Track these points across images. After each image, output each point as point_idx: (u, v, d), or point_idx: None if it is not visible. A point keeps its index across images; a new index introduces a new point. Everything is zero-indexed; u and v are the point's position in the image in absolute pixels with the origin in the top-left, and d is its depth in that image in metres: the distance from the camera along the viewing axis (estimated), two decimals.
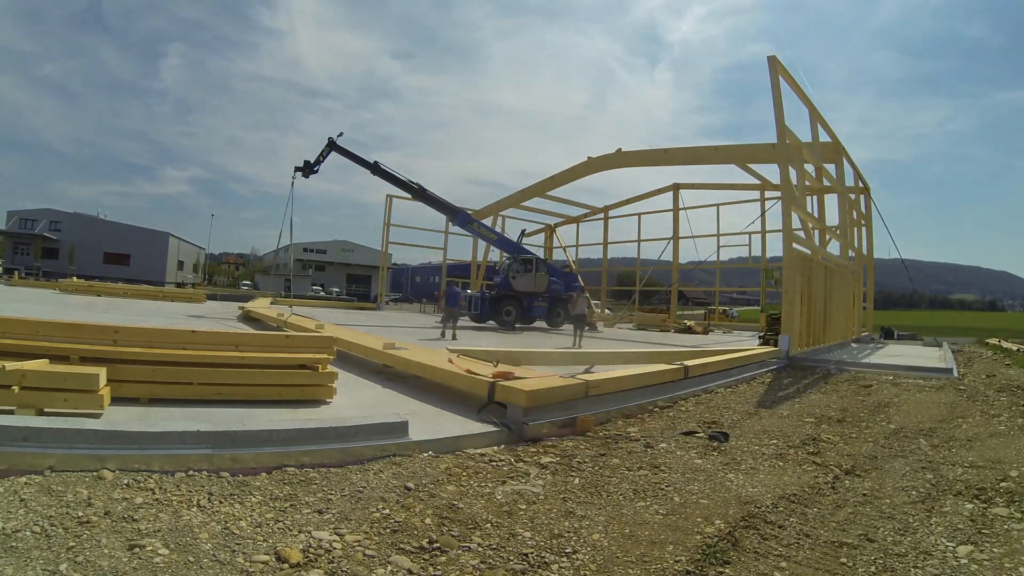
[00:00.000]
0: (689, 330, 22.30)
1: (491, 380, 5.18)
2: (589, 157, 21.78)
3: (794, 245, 12.09)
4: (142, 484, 2.94)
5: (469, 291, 23.40)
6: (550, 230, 33.81)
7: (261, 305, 19.38)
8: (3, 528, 2.34)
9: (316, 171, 19.59)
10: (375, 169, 20.38)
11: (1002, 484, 3.84)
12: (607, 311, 30.56)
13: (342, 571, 2.33)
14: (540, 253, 29.92)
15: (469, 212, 23.58)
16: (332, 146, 19.55)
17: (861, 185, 20.39)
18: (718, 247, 27.82)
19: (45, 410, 3.78)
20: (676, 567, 2.55)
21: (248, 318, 15.74)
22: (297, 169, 19.31)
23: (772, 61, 12.33)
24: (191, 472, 3.18)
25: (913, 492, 3.73)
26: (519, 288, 20.79)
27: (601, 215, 31.80)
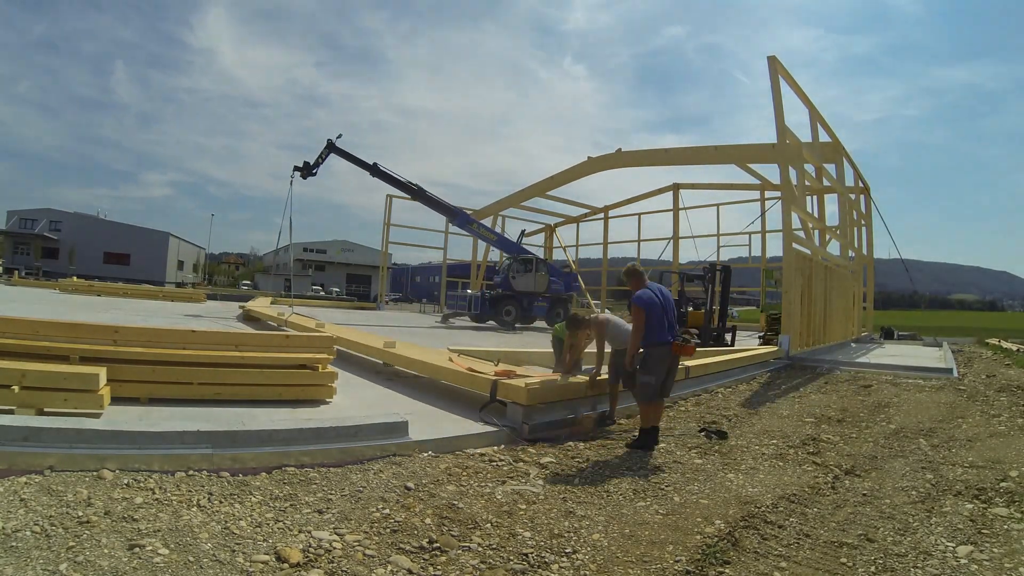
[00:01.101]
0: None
1: (494, 378, 5.18)
2: (589, 157, 21.77)
3: (794, 245, 12.08)
4: (142, 484, 2.94)
5: (469, 291, 23.41)
6: (550, 230, 33.80)
7: (261, 304, 19.39)
8: (3, 528, 2.34)
9: (315, 173, 19.61)
10: (374, 170, 20.37)
11: (1002, 484, 3.84)
12: (607, 311, 30.54)
13: (342, 571, 2.33)
14: (540, 253, 29.92)
15: (469, 212, 23.57)
16: (331, 148, 19.56)
17: (861, 185, 20.39)
18: (718, 247, 27.81)
19: (45, 410, 3.78)
20: (676, 567, 2.55)
21: (248, 318, 15.73)
22: (296, 169, 19.30)
23: (772, 61, 12.33)
24: (191, 472, 3.18)
25: (913, 492, 3.74)
26: (519, 288, 20.78)
27: (601, 215, 31.80)
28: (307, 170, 19.43)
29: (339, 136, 19.64)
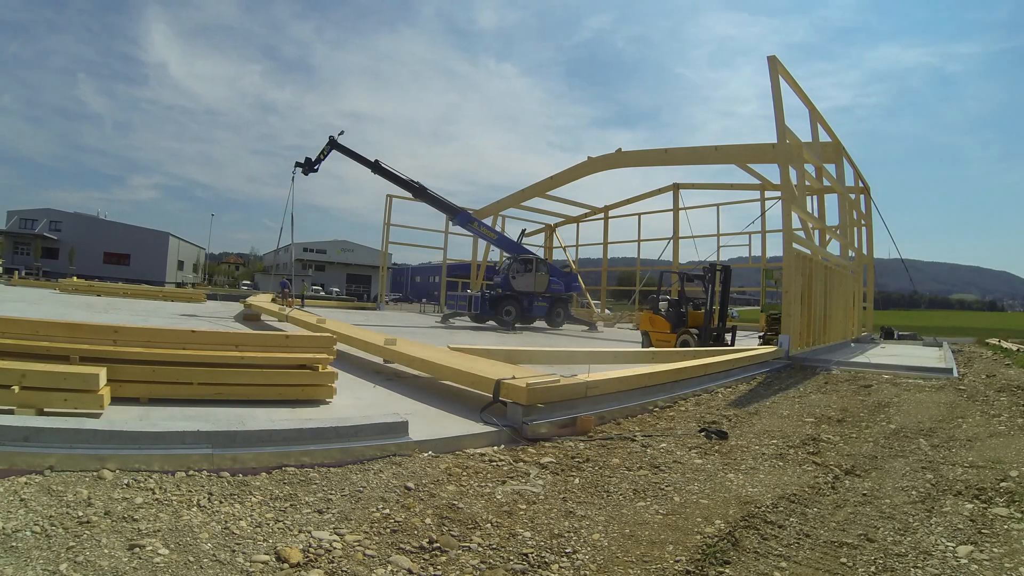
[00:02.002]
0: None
1: (497, 377, 5.18)
2: (589, 157, 21.78)
3: (794, 245, 12.08)
4: (142, 484, 2.95)
5: (470, 291, 23.40)
6: (550, 230, 33.81)
7: (263, 300, 19.44)
8: (3, 528, 2.34)
9: (316, 170, 19.66)
10: (376, 168, 20.41)
11: (1002, 484, 3.84)
12: (607, 311, 30.58)
13: (342, 571, 2.33)
14: (540, 253, 29.93)
15: (470, 211, 23.59)
16: (333, 144, 19.62)
17: (861, 185, 20.40)
18: (718, 247, 27.84)
19: (45, 410, 3.78)
20: (676, 567, 2.55)
21: (248, 317, 15.75)
22: (298, 165, 19.37)
23: (772, 61, 12.33)
24: (191, 472, 3.18)
25: (913, 492, 3.73)
26: (519, 288, 20.79)
27: (601, 215, 31.81)
28: (308, 166, 19.51)
29: (341, 133, 19.75)
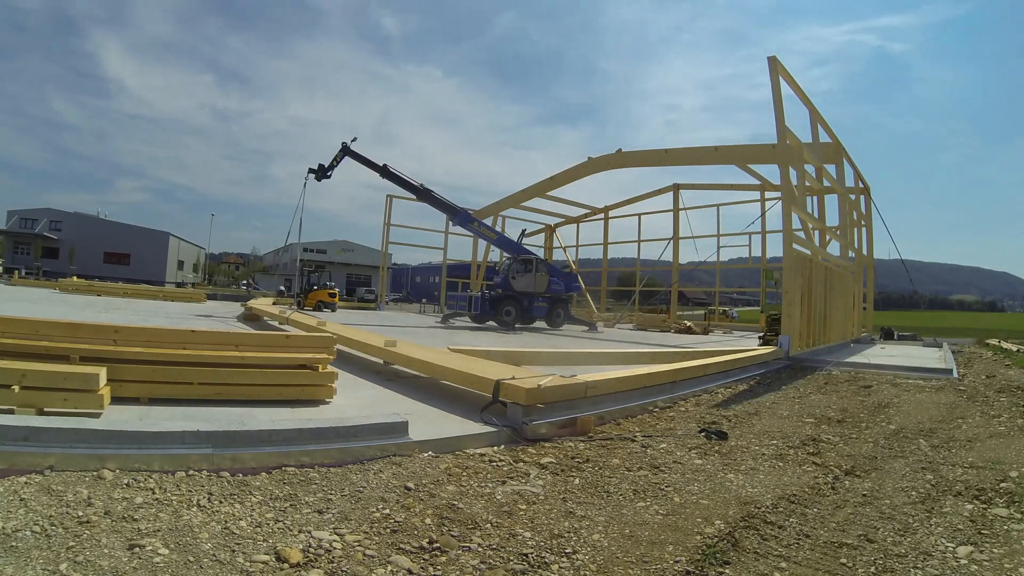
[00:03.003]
0: (689, 330, 22.30)
1: (496, 378, 5.18)
2: (589, 157, 21.79)
3: (794, 246, 12.09)
4: (142, 484, 2.95)
5: (470, 291, 23.40)
6: (550, 230, 33.82)
7: (263, 303, 19.48)
8: (3, 528, 2.34)
9: (329, 176, 19.93)
10: (384, 172, 20.59)
11: (1002, 485, 3.84)
12: (607, 311, 30.58)
13: (342, 571, 2.33)
14: (540, 253, 29.93)
15: (470, 212, 23.60)
16: (345, 151, 19.87)
17: (861, 186, 20.41)
18: (718, 247, 27.87)
19: (45, 410, 3.78)
20: (676, 567, 2.55)
21: (249, 317, 15.76)
22: (311, 171, 19.58)
23: (772, 61, 12.34)
24: (191, 472, 3.18)
25: (913, 493, 3.74)
26: (519, 288, 20.78)
27: (601, 215, 31.82)
28: (322, 172, 19.78)
29: (354, 140, 20.03)
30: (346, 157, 19.89)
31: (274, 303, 21.34)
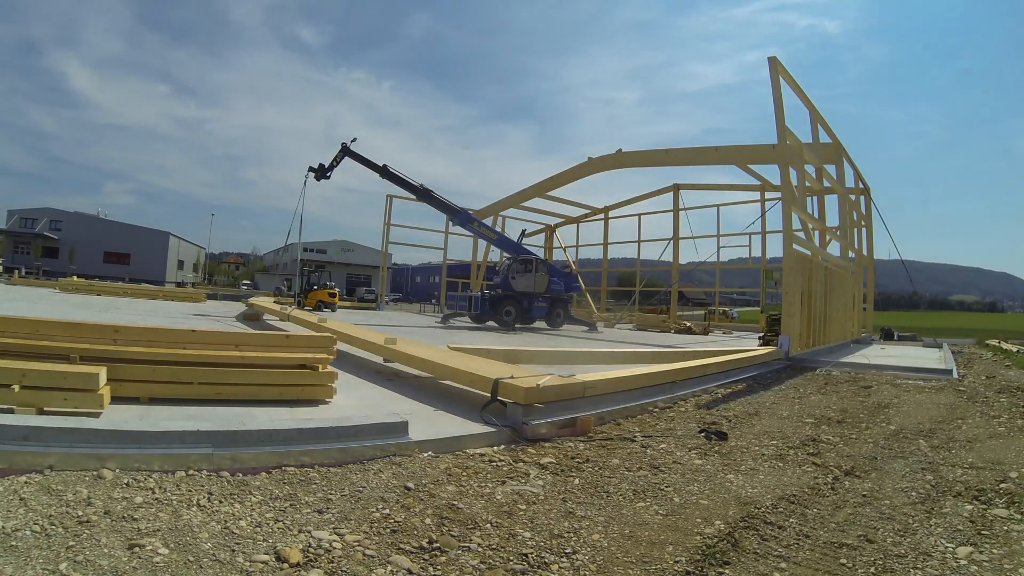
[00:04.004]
0: (688, 331, 22.31)
1: (495, 377, 5.18)
2: (590, 157, 21.80)
3: (794, 246, 12.09)
4: (142, 483, 2.95)
5: (470, 291, 23.42)
6: (550, 230, 33.82)
7: (265, 301, 19.52)
8: (3, 527, 2.34)
9: (328, 176, 19.95)
10: (384, 172, 20.62)
11: (1002, 485, 3.84)
12: (607, 311, 30.57)
13: (342, 571, 2.33)
14: (540, 253, 29.93)
15: (470, 212, 23.62)
16: (345, 151, 19.90)
17: (861, 186, 20.41)
18: (718, 247, 27.86)
19: (45, 409, 3.79)
20: (676, 568, 2.55)
21: (249, 317, 15.76)
22: (311, 170, 19.61)
23: (772, 62, 12.34)
24: (191, 472, 3.18)
25: (913, 493, 3.74)
26: (519, 288, 20.79)
27: (601, 215, 31.82)
28: (321, 172, 19.82)
29: (354, 140, 20.07)
30: (346, 157, 19.92)
31: (275, 302, 21.34)
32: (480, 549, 2.63)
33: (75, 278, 29.11)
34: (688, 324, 23.77)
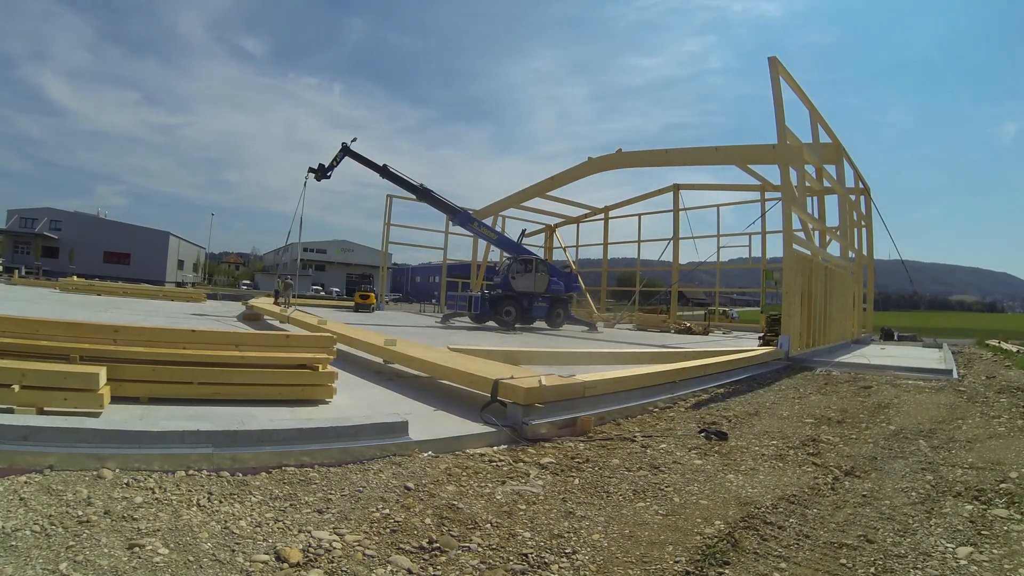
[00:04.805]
0: (688, 331, 22.31)
1: (495, 377, 5.18)
2: (590, 157, 21.80)
3: (794, 246, 12.10)
4: (142, 483, 2.94)
5: (470, 291, 23.45)
6: (550, 230, 33.82)
7: (264, 302, 19.53)
8: (3, 527, 2.34)
9: (328, 176, 19.95)
10: (384, 172, 20.63)
11: (1002, 485, 3.84)
12: (607, 311, 30.57)
13: (342, 571, 2.33)
14: (540, 253, 29.92)
15: (470, 212, 23.62)
16: (346, 151, 19.90)
17: (861, 186, 20.41)
18: (718, 248, 27.87)
19: (45, 409, 3.78)
20: (676, 567, 2.55)
21: (249, 317, 15.76)
22: (311, 170, 19.60)
23: (773, 62, 12.34)
24: (191, 471, 3.18)
25: (913, 493, 3.74)
26: (519, 288, 20.78)
27: (601, 215, 31.81)
28: (322, 172, 19.82)
29: (354, 140, 20.09)
30: (346, 157, 19.92)
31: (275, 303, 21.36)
32: (480, 549, 2.63)
33: (75, 278, 29.10)
34: (688, 324, 23.77)
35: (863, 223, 20.85)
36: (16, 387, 3.74)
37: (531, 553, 2.61)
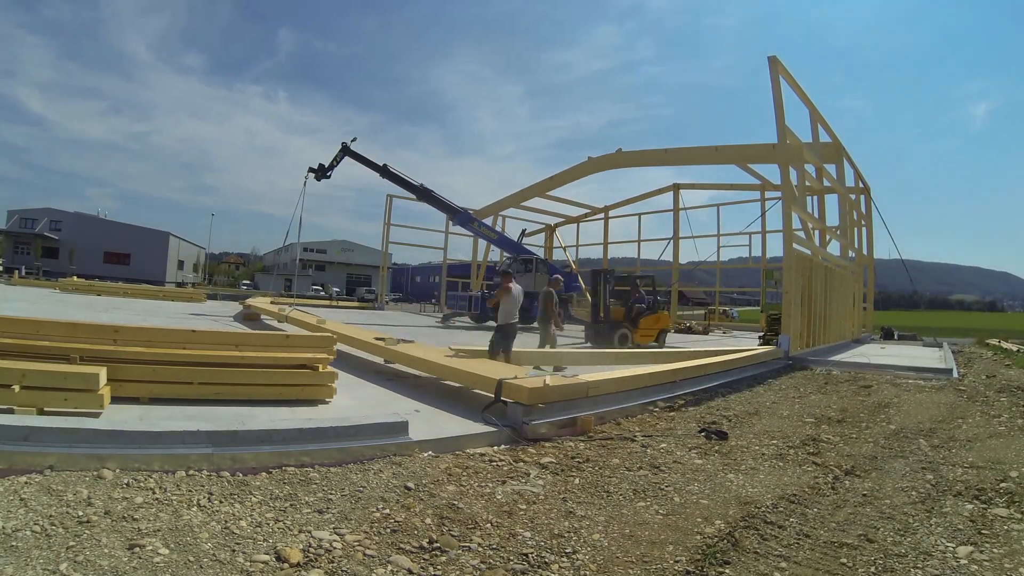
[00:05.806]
0: (689, 330, 22.30)
1: (498, 377, 5.18)
2: (590, 157, 21.79)
3: (794, 245, 12.08)
4: (142, 484, 2.94)
5: (470, 291, 23.45)
6: (550, 230, 33.80)
7: (262, 301, 19.51)
8: (3, 527, 2.34)
9: (329, 176, 19.94)
10: (384, 172, 20.63)
11: (1002, 485, 3.84)
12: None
13: (342, 571, 2.32)
14: (540, 253, 29.91)
15: (470, 212, 23.61)
16: (345, 151, 19.90)
17: (861, 185, 20.39)
18: (718, 247, 27.85)
19: (45, 409, 3.78)
20: (676, 567, 2.55)
21: (248, 317, 15.75)
22: (311, 170, 19.58)
23: (773, 61, 12.33)
24: (191, 472, 3.18)
25: (913, 492, 3.73)
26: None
27: (601, 215, 31.80)
28: (322, 172, 19.80)
29: (354, 140, 20.09)
30: (346, 157, 19.91)
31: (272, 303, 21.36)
32: (480, 549, 2.62)
33: (75, 278, 29.09)
34: (688, 324, 23.76)
35: (863, 222, 20.84)
36: (16, 387, 3.74)
37: (531, 553, 2.61)
